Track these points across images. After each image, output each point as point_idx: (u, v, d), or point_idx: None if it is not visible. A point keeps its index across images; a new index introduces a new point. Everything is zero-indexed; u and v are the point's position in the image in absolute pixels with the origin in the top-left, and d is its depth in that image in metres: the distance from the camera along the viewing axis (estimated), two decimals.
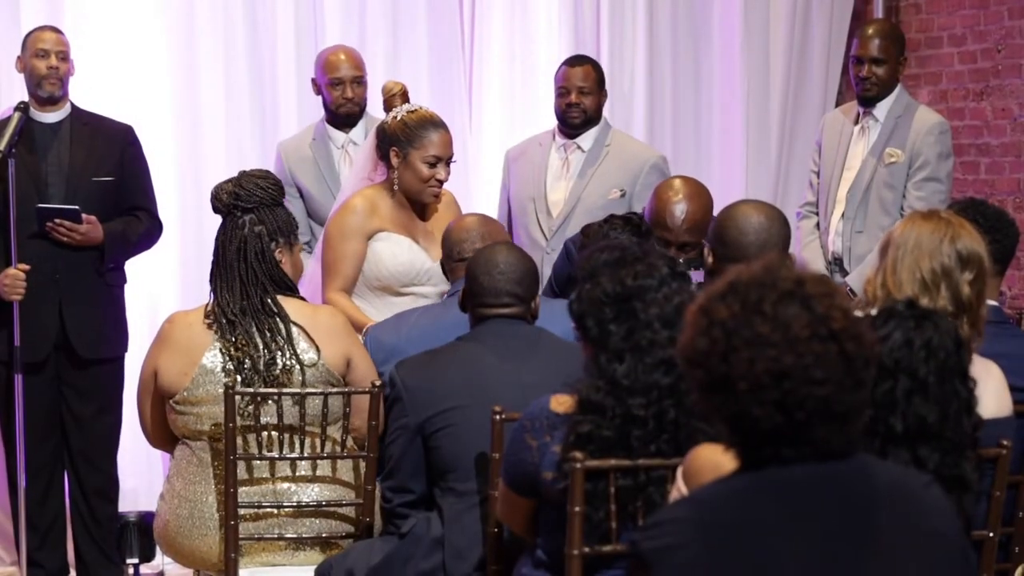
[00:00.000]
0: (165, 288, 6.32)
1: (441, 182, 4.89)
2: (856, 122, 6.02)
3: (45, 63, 5.47)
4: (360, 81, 5.95)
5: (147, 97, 6.29)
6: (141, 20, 6.32)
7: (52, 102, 5.50)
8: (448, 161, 4.90)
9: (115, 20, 6.27)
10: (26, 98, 5.50)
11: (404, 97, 5.04)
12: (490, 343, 3.79)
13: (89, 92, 5.87)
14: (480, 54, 6.84)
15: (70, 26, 5.96)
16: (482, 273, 3.83)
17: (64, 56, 5.51)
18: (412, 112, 4.92)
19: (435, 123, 4.91)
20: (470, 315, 3.90)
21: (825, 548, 2.06)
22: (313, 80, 6.04)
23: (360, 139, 5.88)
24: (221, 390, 4.00)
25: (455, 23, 6.77)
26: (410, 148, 4.85)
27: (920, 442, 2.84)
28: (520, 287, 3.83)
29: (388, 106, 5.03)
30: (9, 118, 5.34)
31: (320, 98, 6.02)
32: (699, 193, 4.71)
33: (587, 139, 5.92)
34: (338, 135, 5.98)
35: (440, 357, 3.84)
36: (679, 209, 4.59)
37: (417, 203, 4.94)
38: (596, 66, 6.13)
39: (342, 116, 5.94)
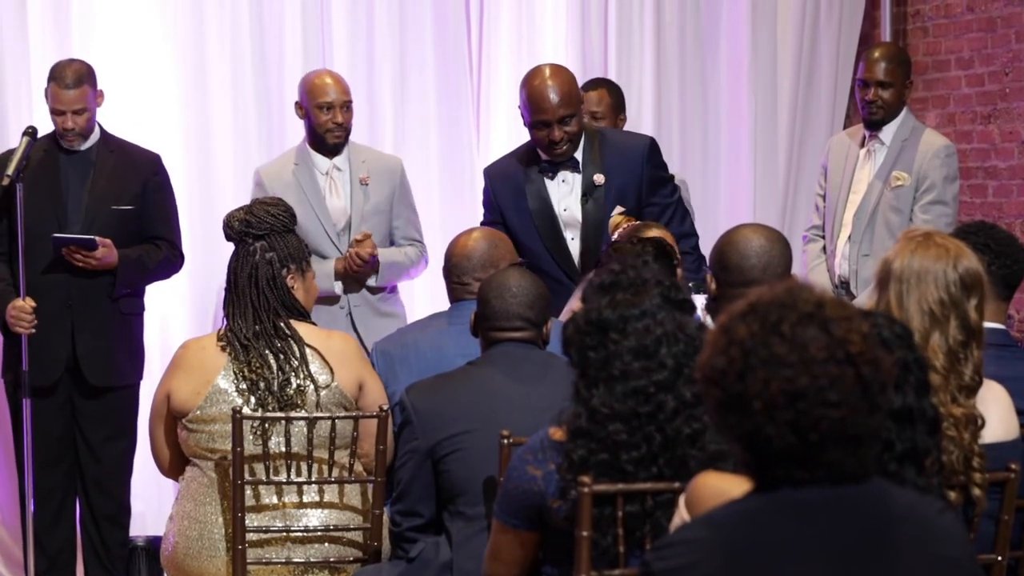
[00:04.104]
0: (175, 313, 6.31)
1: None
2: (862, 145, 6.02)
3: (61, 121, 5.44)
4: (349, 106, 5.74)
5: (155, 123, 6.27)
6: (149, 44, 6.32)
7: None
8: None
9: (122, 43, 6.27)
10: (34, 122, 5.52)
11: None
12: (501, 367, 3.79)
13: (98, 116, 5.87)
14: (487, 75, 6.85)
15: (77, 48, 5.97)
16: (494, 297, 3.82)
17: (80, 111, 5.42)
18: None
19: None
20: (481, 339, 3.89)
21: (841, 570, 2.06)
22: (297, 104, 5.83)
23: (344, 165, 5.77)
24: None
25: (462, 44, 6.77)
26: None
27: None
28: (532, 311, 3.82)
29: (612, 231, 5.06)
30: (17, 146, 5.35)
31: (304, 122, 5.82)
32: (559, 69, 5.34)
33: None
34: (322, 161, 5.77)
35: (451, 381, 3.83)
36: (549, 90, 5.17)
37: None
38: (612, 89, 6.12)
39: (329, 144, 5.72)
